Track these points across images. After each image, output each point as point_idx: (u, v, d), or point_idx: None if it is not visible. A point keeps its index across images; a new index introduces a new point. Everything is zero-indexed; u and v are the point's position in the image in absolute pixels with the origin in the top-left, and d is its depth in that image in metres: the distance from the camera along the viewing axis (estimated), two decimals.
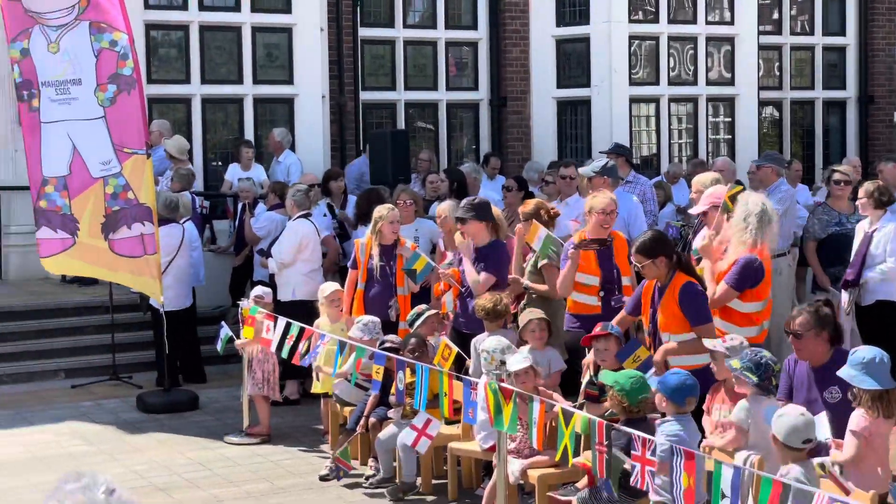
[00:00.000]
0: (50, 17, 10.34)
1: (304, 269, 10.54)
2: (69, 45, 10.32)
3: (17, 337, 11.80)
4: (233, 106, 14.97)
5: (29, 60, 10.47)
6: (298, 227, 10.61)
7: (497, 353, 7.33)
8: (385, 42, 16.42)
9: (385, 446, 8.04)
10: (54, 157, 10.41)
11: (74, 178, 10.39)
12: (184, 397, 10.53)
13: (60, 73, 10.38)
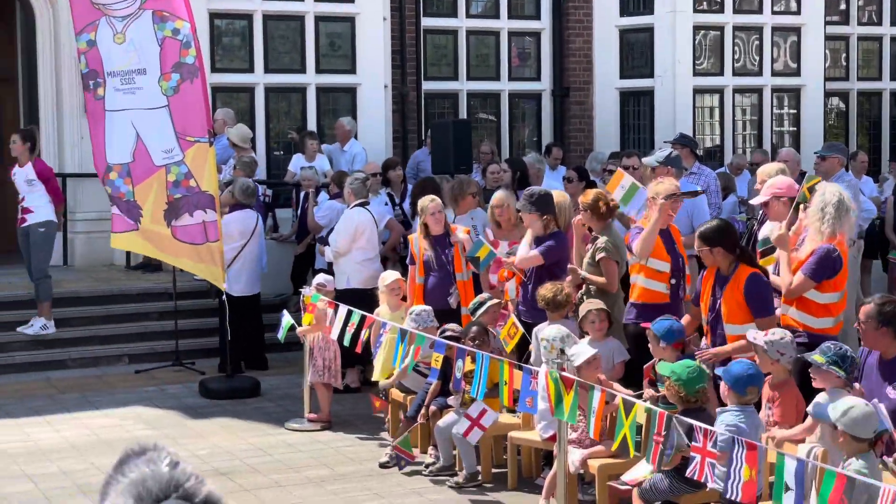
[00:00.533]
0: (115, 7, 10.45)
1: (358, 258, 10.55)
2: (134, 35, 10.42)
3: (83, 322, 11.95)
4: (296, 95, 15.04)
5: (95, 51, 10.60)
6: (354, 216, 10.63)
7: (556, 342, 7.30)
8: (448, 32, 16.41)
9: (444, 434, 8.04)
10: (118, 144, 10.54)
11: (137, 165, 10.51)
12: (246, 384, 10.60)
13: (126, 64, 10.49)
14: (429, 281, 9.59)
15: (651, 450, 5.87)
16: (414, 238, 9.82)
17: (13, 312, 11.76)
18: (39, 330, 11.50)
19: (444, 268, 9.55)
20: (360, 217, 10.61)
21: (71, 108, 14.04)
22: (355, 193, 10.70)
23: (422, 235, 9.64)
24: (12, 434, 9.16)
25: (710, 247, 7.12)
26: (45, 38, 14.09)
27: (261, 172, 13.78)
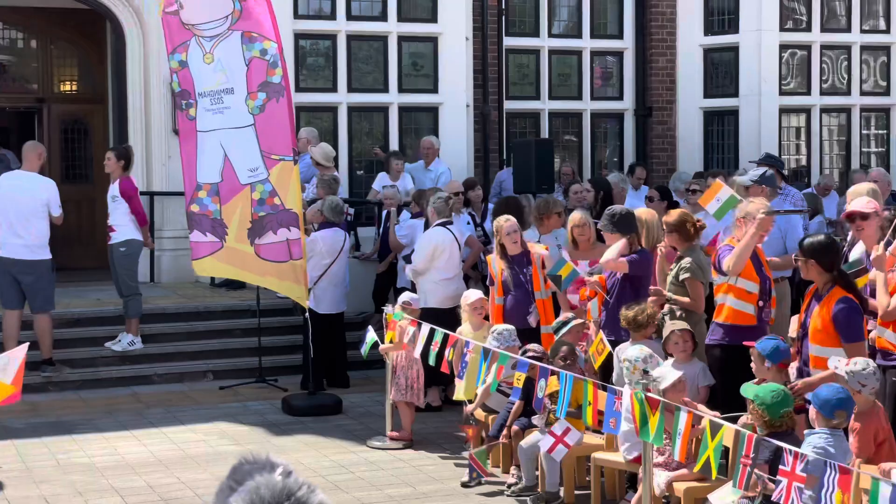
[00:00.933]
0: (205, 28, 10.61)
1: (436, 277, 10.55)
2: (222, 55, 10.56)
3: (169, 338, 12.12)
4: (378, 114, 15.15)
5: (186, 71, 10.78)
6: (433, 235, 10.64)
7: (639, 363, 7.22)
8: (530, 51, 16.43)
9: (528, 454, 7.99)
10: (208, 164, 10.69)
11: (225, 184, 10.65)
12: (328, 401, 10.66)
13: (215, 84, 10.64)
14: (508, 301, 9.58)
15: (738, 472, 5.78)
16: (492, 258, 9.82)
17: (102, 328, 11.97)
18: (127, 346, 11.69)
19: (523, 287, 9.53)
20: (439, 236, 10.62)
21: (159, 128, 14.28)
22: (438, 212, 10.72)
23: (499, 256, 9.63)
24: (101, 448, 9.31)
25: (805, 258, 7.02)
26: (134, 58, 14.36)
27: (343, 191, 13.88)
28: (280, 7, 11.75)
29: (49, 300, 11.11)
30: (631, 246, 8.64)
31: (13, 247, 10.93)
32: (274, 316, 12.40)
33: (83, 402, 10.88)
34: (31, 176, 11.12)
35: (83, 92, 16.65)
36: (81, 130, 16.47)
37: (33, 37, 16.34)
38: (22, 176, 11.21)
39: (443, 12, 15.01)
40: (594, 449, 7.87)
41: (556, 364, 7.67)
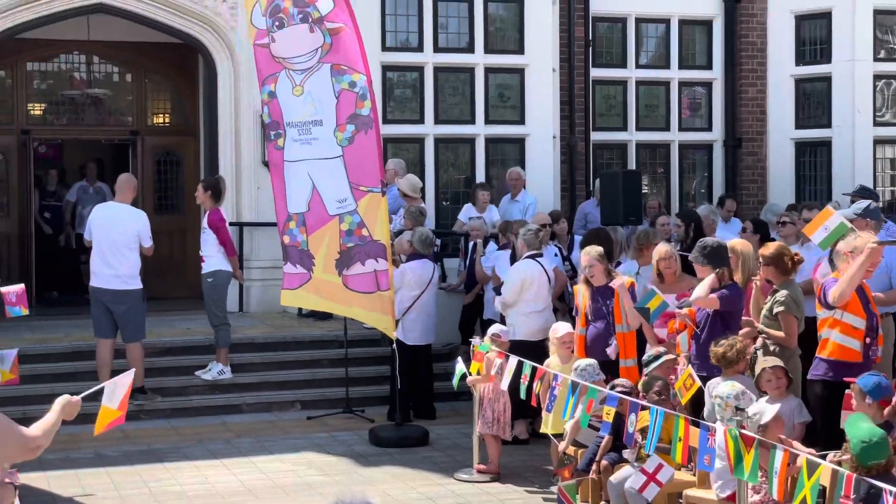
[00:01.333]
0: (295, 61, 10.75)
1: (526, 310, 10.49)
2: (312, 88, 10.68)
3: (258, 368, 12.22)
4: (464, 146, 15.18)
5: (275, 102, 10.92)
6: (523, 268, 10.59)
7: (731, 400, 7.09)
8: (617, 82, 16.36)
9: (617, 490, 7.89)
10: (296, 194, 10.80)
11: (312, 214, 10.74)
12: (415, 432, 10.65)
13: (303, 115, 10.76)
14: (589, 332, 9.53)
15: None
16: (578, 289, 9.79)
17: (192, 357, 12.12)
18: (217, 375, 11.81)
19: (604, 319, 9.49)
20: (529, 269, 10.57)
21: (249, 159, 14.47)
22: (528, 245, 10.68)
23: (584, 286, 9.58)
24: (191, 476, 9.40)
25: None
26: (225, 91, 14.58)
27: (429, 222, 13.91)
28: (368, 39, 11.85)
29: (140, 329, 11.28)
30: (721, 279, 8.52)
31: (105, 277, 11.12)
32: (361, 347, 12.44)
33: (174, 430, 11.01)
34: (124, 207, 11.32)
35: (176, 124, 16.95)
36: (174, 162, 16.76)
37: (128, 71, 16.68)
38: (115, 207, 11.43)
39: (530, 44, 15.04)
40: (686, 486, 7.75)
41: (650, 399, 7.57)
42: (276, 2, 10.74)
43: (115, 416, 5.52)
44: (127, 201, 11.39)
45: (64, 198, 16.12)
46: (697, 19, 16.52)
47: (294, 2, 10.63)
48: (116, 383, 5.52)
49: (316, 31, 10.56)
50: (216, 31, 14.43)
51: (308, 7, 10.56)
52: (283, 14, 10.70)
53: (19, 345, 11.79)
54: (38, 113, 16.64)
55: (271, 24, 10.77)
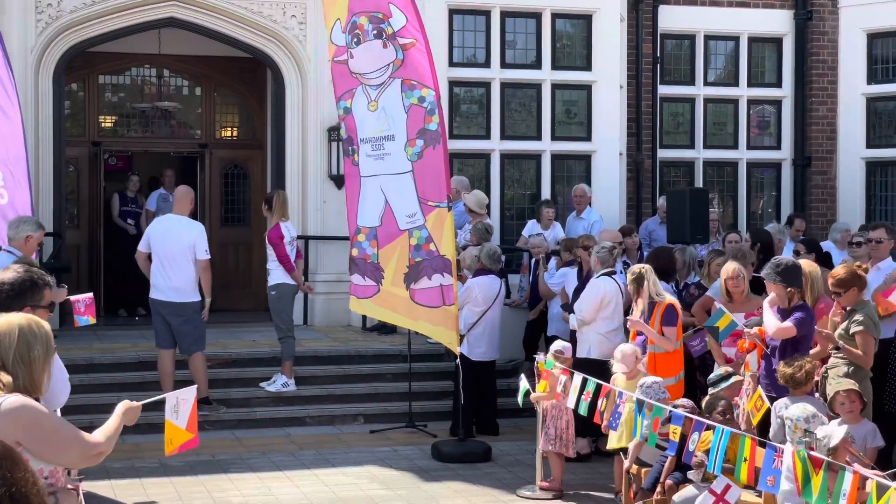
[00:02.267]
0: (371, 76, 10.84)
1: (602, 328, 10.40)
2: (385, 103, 10.76)
3: (321, 381, 12.26)
4: (530, 162, 15.16)
5: (351, 118, 11.03)
6: (601, 285, 10.51)
7: (801, 423, 6.99)
8: (685, 100, 16.27)
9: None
10: (369, 208, 10.89)
11: (383, 229, 10.81)
12: (478, 448, 10.62)
13: (377, 131, 10.84)
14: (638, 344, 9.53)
15: None
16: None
17: (257, 369, 12.19)
18: (281, 387, 11.87)
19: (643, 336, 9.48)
20: (606, 286, 10.49)
21: (315, 173, 14.56)
22: (602, 262, 10.60)
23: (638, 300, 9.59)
24: (255, 488, 9.44)
25: None
26: (293, 105, 14.70)
27: (495, 238, 13.89)
28: (435, 55, 11.87)
29: (199, 341, 11.29)
30: (790, 299, 8.42)
31: (163, 289, 11.21)
32: (424, 361, 12.45)
33: (238, 441, 11.08)
34: (180, 219, 11.38)
35: (243, 138, 17.13)
36: (241, 175, 16.92)
37: (198, 84, 16.89)
38: (172, 219, 11.50)
39: (597, 60, 15.00)
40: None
41: (714, 419, 7.49)
42: (353, 18, 10.86)
43: (186, 438, 5.49)
44: (184, 213, 11.45)
45: (143, 205, 16.26)
46: (767, 37, 16.38)
47: (370, 18, 10.72)
48: (178, 398, 5.52)
49: (389, 47, 10.64)
50: (284, 45, 14.57)
51: (382, 23, 10.65)
52: (360, 30, 10.81)
53: (88, 353, 11.99)
54: (108, 125, 16.90)
55: (350, 41, 10.89)
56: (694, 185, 15.76)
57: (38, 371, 4.46)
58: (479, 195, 13.50)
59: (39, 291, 5.15)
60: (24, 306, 4.95)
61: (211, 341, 11.94)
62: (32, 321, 4.52)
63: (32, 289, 5.11)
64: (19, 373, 4.41)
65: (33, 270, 5.25)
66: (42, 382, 4.50)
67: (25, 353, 4.42)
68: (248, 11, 14.37)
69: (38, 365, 4.45)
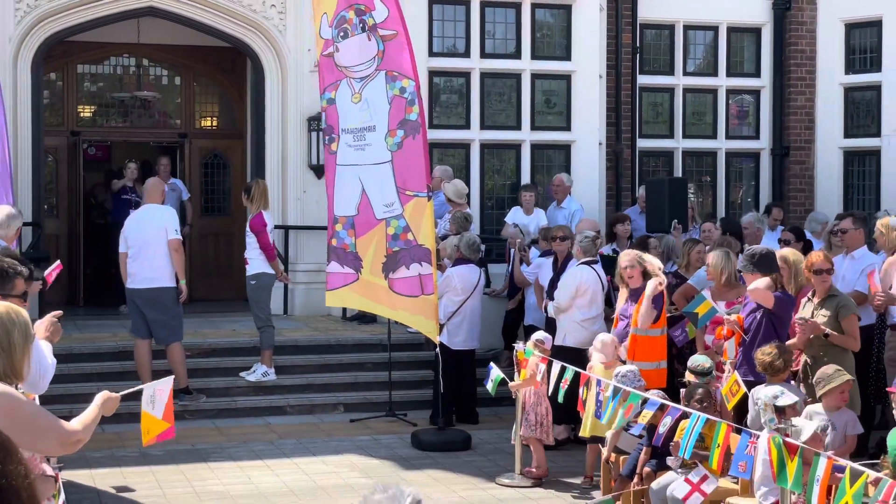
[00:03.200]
0: (356, 69, 10.89)
1: (578, 317, 10.47)
2: (369, 95, 10.81)
3: (301, 370, 12.28)
4: (510, 151, 15.19)
5: (333, 108, 11.08)
6: (578, 273, 10.57)
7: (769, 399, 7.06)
8: (664, 90, 16.33)
9: (660, 495, 7.85)
10: (345, 198, 10.92)
11: (360, 217, 10.85)
12: (457, 437, 10.67)
13: (359, 122, 10.88)
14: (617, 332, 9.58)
15: None
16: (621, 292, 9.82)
17: (237, 359, 12.20)
18: (261, 377, 11.88)
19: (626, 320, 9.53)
20: (584, 275, 10.54)
21: (295, 163, 14.56)
22: (584, 251, 10.66)
23: (624, 289, 9.60)
24: (235, 477, 9.47)
25: None
26: (273, 95, 14.69)
27: (474, 228, 13.92)
28: (415, 45, 11.90)
29: (176, 332, 11.30)
30: (776, 284, 8.50)
31: (137, 278, 11.21)
32: (404, 351, 12.49)
33: (218, 430, 11.10)
34: (151, 207, 11.39)
35: (223, 127, 17.10)
36: (221, 165, 16.90)
37: (177, 74, 16.85)
38: (144, 209, 11.50)
39: (577, 50, 15.03)
40: (729, 493, 7.70)
41: (692, 407, 7.55)
42: (341, 13, 10.91)
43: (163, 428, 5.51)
44: (157, 202, 11.45)
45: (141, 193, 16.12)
46: (746, 27, 16.45)
47: (356, 11, 10.77)
48: (155, 388, 5.54)
49: (372, 39, 10.68)
50: (264, 35, 14.55)
51: (365, 15, 10.68)
52: (348, 24, 10.86)
53: (68, 343, 11.97)
54: (87, 115, 16.84)
55: (336, 35, 10.94)
56: (673, 175, 15.82)
57: (17, 358, 4.46)
58: (458, 185, 13.52)
59: (10, 281, 5.15)
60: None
61: (190, 331, 11.94)
62: (11, 309, 4.52)
63: (3, 278, 5.11)
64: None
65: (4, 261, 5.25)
66: (22, 369, 4.51)
67: (5, 340, 4.42)
68: (228, 1, 14.35)
69: (18, 352, 4.45)
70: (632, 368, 8.65)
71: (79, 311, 14.86)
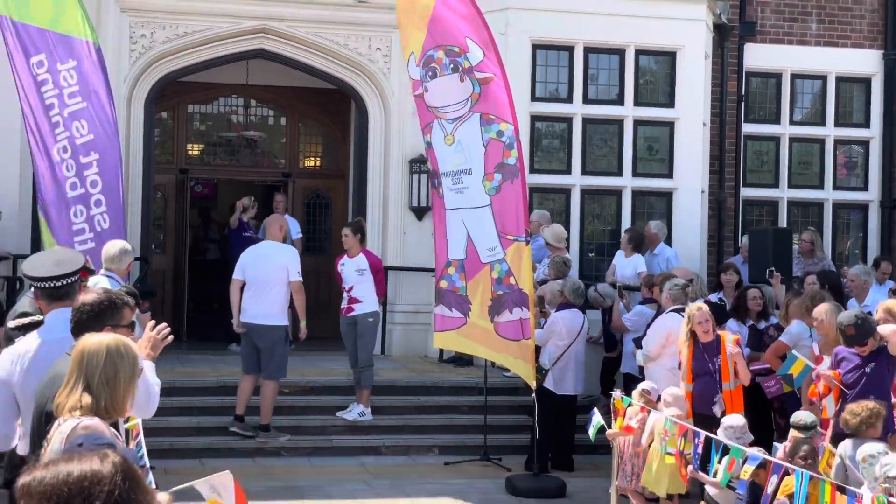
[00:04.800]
0: (447, 110, 10.93)
1: (668, 364, 10.36)
2: (462, 137, 10.84)
3: (397, 411, 12.30)
4: (611, 198, 15.11)
5: (432, 151, 11.16)
6: (667, 322, 10.48)
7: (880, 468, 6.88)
8: (769, 139, 16.12)
9: None
10: (455, 241, 10.99)
11: (469, 261, 10.89)
12: (552, 484, 10.58)
13: (455, 164, 10.93)
14: (694, 387, 9.46)
15: None
16: (681, 346, 9.75)
17: (333, 397, 12.27)
18: (357, 416, 11.93)
19: (710, 374, 9.43)
20: (673, 323, 10.44)
21: (396, 204, 14.68)
22: (673, 298, 10.57)
23: (690, 342, 9.51)
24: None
25: None
26: (375, 136, 14.85)
27: (573, 273, 13.86)
28: (517, 89, 11.96)
29: (281, 369, 11.44)
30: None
31: (252, 313, 11.36)
32: (500, 395, 12.45)
33: (314, 468, 11.15)
34: (273, 244, 11.59)
35: (326, 168, 17.33)
36: (322, 204, 17.11)
37: (283, 114, 17.15)
38: (265, 245, 11.70)
39: (681, 98, 14.92)
40: None
41: (797, 463, 7.38)
42: (429, 52, 10.94)
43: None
44: (277, 239, 11.65)
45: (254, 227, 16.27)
46: (855, 76, 16.18)
47: (446, 52, 10.81)
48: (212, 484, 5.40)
49: (466, 81, 10.72)
50: (369, 77, 14.74)
51: (459, 57, 10.73)
52: (436, 64, 10.90)
53: (170, 377, 12.15)
54: (195, 153, 17.20)
55: (424, 75, 10.98)
56: (777, 225, 15.58)
57: (121, 393, 4.46)
58: (557, 229, 13.48)
59: (118, 311, 5.21)
60: (105, 326, 5.01)
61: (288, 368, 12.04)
62: (121, 342, 4.53)
63: (111, 309, 5.18)
64: (102, 394, 4.41)
65: (112, 291, 5.35)
66: (125, 405, 4.52)
67: (112, 375, 4.43)
68: (335, 44, 14.58)
69: (123, 386, 4.46)
70: (740, 420, 8.50)
71: (182, 346, 15.11)
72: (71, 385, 4.44)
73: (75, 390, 4.42)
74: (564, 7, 14.40)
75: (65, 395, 4.44)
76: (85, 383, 4.42)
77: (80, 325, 5.07)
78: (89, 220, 10.66)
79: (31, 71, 10.75)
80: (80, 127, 10.69)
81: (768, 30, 15.97)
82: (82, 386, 4.41)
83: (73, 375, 4.46)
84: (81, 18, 10.81)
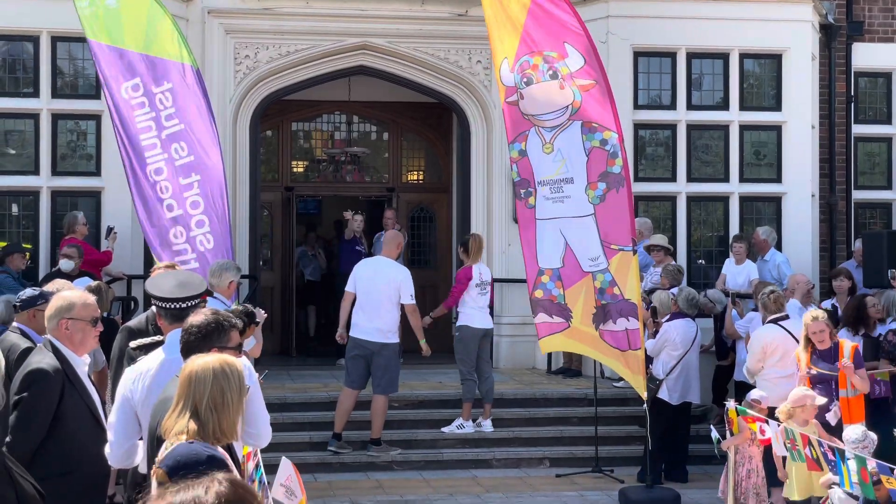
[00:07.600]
0: (545, 118, 10.85)
1: (772, 375, 10.13)
2: (562, 145, 10.76)
3: (507, 423, 12.26)
4: (717, 204, 14.89)
5: (526, 160, 11.05)
6: (763, 334, 10.27)
7: None
8: (881, 139, 15.77)
9: None
10: (549, 250, 10.88)
11: (566, 269, 10.79)
12: (666, 495, 10.43)
13: (554, 173, 10.84)
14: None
15: None
16: (800, 354, 9.55)
17: (444, 411, 12.27)
18: (455, 429, 11.90)
19: (827, 383, 9.24)
20: (768, 335, 10.22)
21: (500, 216, 14.66)
22: (765, 308, 10.40)
23: (808, 350, 9.36)
24: None
25: None
26: (478, 149, 14.86)
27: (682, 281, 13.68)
28: (620, 97, 11.85)
29: (393, 383, 11.47)
30: None
31: (365, 329, 11.39)
32: (610, 405, 12.33)
33: (425, 482, 11.17)
34: (388, 261, 11.60)
35: (429, 181, 17.39)
36: (427, 218, 17.17)
37: (385, 129, 17.26)
38: (380, 261, 11.72)
39: (787, 100, 14.64)
40: None
41: None
42: (524, 57, 10.86)
43: None
44: (392, 256, 11.68)
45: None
46: None
47: (544, 58, 10.73)
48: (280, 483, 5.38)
49: (566, 88, 10.64)
50: (470, 90, 14.76)
51: (557, 63, 10.65)
52: (533, 70, 10.82)
53: (281, 392, 12.29)
54: (300, 170, 17.40)
55: (520, 81, 10.90)
56: (892, 228, 15.19)
57: (230, 417, 4.34)
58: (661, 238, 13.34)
59: (226, 333, 5.21)
60: (212, 348, 5.02)
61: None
62: (226, 362, 4.41)
63: (218, 331, 5.18)
64: (210, 419, 4.30)
65: (220, 313, 5.38)
66: (235, 428, 4.38)
67: (219, 399, 4.31)
68: (435, 58, 14.63)
69: (231, 410, 4.34)
70: (870, 435, 8.26)
71: (291, 362, 15.29)
72: (179, 410, 4.36)
73: (182, 416, 4.33)
74: (666, 13, 14.25)
75: (172, 420, 4.36)
76: (193, 408, 4.33)
77: (189, 347, 5.05)
78: (190, 241, 10.61)
79: (124, 94, 10.75)
80: (180, 149, 10.62)
81: (876, 28, 15.61)
82: (190, 411, 4.33)
83: (180, 400, 4.37)
84: (178, 42, 10.77)
